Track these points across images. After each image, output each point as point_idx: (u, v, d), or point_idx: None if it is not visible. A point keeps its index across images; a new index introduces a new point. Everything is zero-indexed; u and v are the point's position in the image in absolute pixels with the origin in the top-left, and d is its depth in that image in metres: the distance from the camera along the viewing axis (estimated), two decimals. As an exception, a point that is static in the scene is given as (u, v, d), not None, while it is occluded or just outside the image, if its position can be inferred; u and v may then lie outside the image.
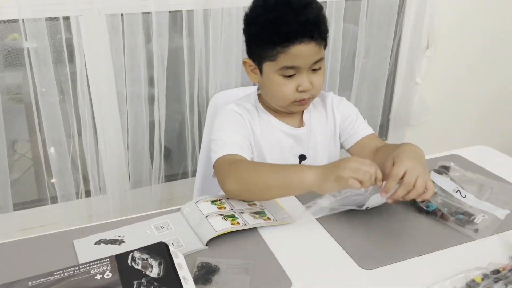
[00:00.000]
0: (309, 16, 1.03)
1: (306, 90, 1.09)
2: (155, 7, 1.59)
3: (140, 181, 1.83)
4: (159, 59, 1.66)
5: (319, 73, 1.11)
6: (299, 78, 1.09)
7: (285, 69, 1.07)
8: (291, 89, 1.09)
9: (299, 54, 1.05)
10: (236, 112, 1.17)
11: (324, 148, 1.24)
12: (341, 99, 1.28)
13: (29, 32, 1.46)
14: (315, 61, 1.08)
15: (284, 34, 1.03)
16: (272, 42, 1.05)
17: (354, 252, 0.89)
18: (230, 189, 1.02)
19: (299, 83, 1.09)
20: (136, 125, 1.73)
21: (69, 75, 1.58)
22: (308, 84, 1.09)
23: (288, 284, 0.81)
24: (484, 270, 0.81)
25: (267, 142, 1.18)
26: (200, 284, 0.79)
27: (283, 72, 1.08)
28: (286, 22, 1.03)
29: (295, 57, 1.05)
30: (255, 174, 1.01)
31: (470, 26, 2.24)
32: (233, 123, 1.15)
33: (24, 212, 1.75)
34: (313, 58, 1.07)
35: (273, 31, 1.04)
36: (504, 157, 1.30)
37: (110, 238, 0.92)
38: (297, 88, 1.09)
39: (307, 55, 1.06)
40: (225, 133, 1.13)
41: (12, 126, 1.65)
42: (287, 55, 1.05)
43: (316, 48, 1.06)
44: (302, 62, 1.07)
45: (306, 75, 1.09)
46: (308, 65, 1.08)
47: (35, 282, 0.72)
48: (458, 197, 1.03)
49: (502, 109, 2.56)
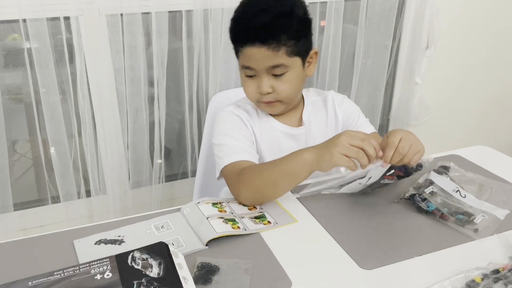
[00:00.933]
0: (262, 20, 1.04)
1: (263, 93, 1.10)
2: (155, 7, 1.59)
3: (140, 181, 1.83)
4: (159, 59, 1.66)
5: (283, 80, 1.10)
6: (259, 79, 1.10)
7: (244, 68, 1.11)
8: (252, 88, 1.12)
9: (251, 56, 1.07)
10: (235, 115, 1.18)
11: None
12: (342, 97, 1.28)
13: (30, 32, 1.47)
14: (272, 66, 1.07)
15: (237, 35, 1.10)
16: (232, 39, 1.11)
17: (354, 252, 0.89)
18: (246, 199, 1.04)
19: (259, 85, 1.10)
20: (136, 125, 1.73)
21: (69, 75, 1.58)
22: (267, 88, 1.09)
23: (288, 284, 0.81)
24: (484, 270, 0.81)
25: (266, 143, 1.19)
26: (200, 284, 0.79)
27: (245, 71, 1.11)
28: (240, 24, 1.09)
29: (248, 58, 1.08)
30: (261, 176, 1.02)
31: (470, 26, 2.24)
32: (235, 127, 1.16)
33: (24, 212, 1.75)
34: (267, 63, 1.07)
35: (232, 29, 1.11)
36: (504, 157, 1.30)
37: (110, 238, 0.92)
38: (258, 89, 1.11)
39: (259, 58, 1.06)
40: (228, 138, 1.13)
41: (12, 126, 1.65)
42: (243, 55, 1.09)
43: (269, 53, 1.05)
44: (256, 65, 1.08)
45: (266, 78, 1.09)
46: (263, 69, 1.08)
47: (35, 282, 0.72)
48: (458, 197, 1.03)
49: (501, 109, 2.56)
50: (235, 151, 1.10)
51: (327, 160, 0.94)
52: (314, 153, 0.97)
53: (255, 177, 1.03)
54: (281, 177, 1.01)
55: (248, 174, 1.04)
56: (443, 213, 0.98)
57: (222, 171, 1.10)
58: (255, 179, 1.03)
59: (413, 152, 0.95)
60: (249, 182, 1.03)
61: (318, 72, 1.96)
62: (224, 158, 1.10)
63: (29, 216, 1.76)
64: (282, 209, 1.03)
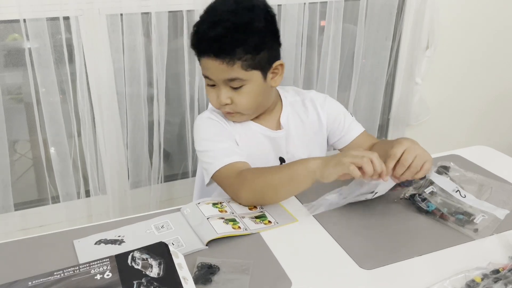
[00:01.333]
0: (216, 33, 1.02)
1: (221, 103, 1.09)
2: (155, 7, 1.59)
3: (140, 181, 1.83)
4: (159, 59, 1.66)
5: (241, 93, 1.08)
6: (218, 90, 1.09)
7: (204, 77, 1.10)
8: (213, 97, 1.11)
9: (207, 67, 1.07)
10: (213, 120, 1.16)
11: (304, 150, 1.22)
12: (324, 97, 1.26)
13: (30, 32, 1.47)
14: (228, 79, 1.06)
15: (193, 45, 1.08)
16: (191, 47, 1.10)
17: (354, 252, 0.89)
18: (246, 201, 1.03)
19: (218, 95, 1.09)
20: (136, 125, 1.73)
21: (69, 75, 1.58)
22: (225, 99, 1.09)
23: (288, 284, 0.81)
24: (484, 270, 0.81)
25: (247, 145, 1.16)
26: (200, 284, 0.79)
27: (205, 80, 1.11)
28: (197, 34, 1.07)
29: (205, 68, 1.08)
30: (263, 180, 1.01)
31: (470, 26, 2.24)
32: (216, 131, 1.15)
33: (25, 212, 1.75)
34: (223, 76, 1.06)
35: (190, 37, 1.09)
36: (504, 157, 1.30)
37: (110, 238, 0.92)
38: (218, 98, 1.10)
39: (214, 71, 1.06)
40: (213, 143, 1.12)
41: (13, 126, 1.65)
42: (201, 65, 1.09)
43: (223, 66, 1.04)
44: (213, 76, 1.07)
45: (224, 90, 1.08)
46: (220, 81, 1.07)
47: (35, 282, 0.72)
48: (458, 197, 1.03)
49: (502, 109, 2.56)
50: (224, 154, 1.09)
51: (333, 167, 0.92)
52: (320, 162, 0.95)
53: (257, 180, 1.02)
54: (283, 182, 1.00)
55: (249, 177, 1.03)
56: (443, 213, 0.98)
57: (214, 175, 1.08)
58: (257, 182, 1.01)
59: (419, 163, 0.93)
60: (250, 184, 1.02)
61: (318, 72, 1.96)
62: (215, 163, 1.08)
63: (30, 216, 1.76)
64: (282, 209, 1.03)
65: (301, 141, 1.22)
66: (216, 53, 1.03)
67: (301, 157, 1.19)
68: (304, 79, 1.94)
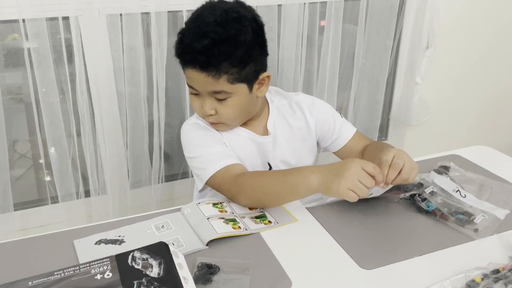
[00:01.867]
0: (201, 45, 0.99)
1: (205, 114, 1.08)
2: (154, 7, 1.59)
3: (140, 181, 1.83)
4: (159, 59, 1.66)
5: (226, 105, 1.07)
6: (202, 100, 1.08)
7: (189, 86, 1.09)
8: (197, 106, 1.10)
9: (192, 78, 1.05)
10: (200, 125, 1.15)
11: (292, 155, 1.21)
12: (312, 99, 1.24)
13: (30, 32, 1.46)
14: (213, 92, 1.05)
15: (178, 55, 1.06)
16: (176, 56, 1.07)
17: (354, 252, 0.89)
18: (244, 205, 1.03)
19: (202, 104, 1.09)
20: (136, 125, 1.73)
21: (68, 75, 1.58)
22: (208, 110, 1.07)
23: (288, 284, 0.81)
24: (484, 270, 0.82)
25: (235, 150, 1.15)
26: (200, 284, 0.79)
27: (189, 89, 1.10)
28: (181, 44, 1.04)
29: (189, 79, 1.07)
30: (263, 186, 1.00)
31: (470, 26, 2.24)
32: (205, 135, 1.13)
33: (25, 212, 1.75)
34: (208, 88, 1.05)
35: (175, 46, 1.06)
36: (504, 157, 1.30)
37: (110, 238, 0.92)
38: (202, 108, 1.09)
39: (199, 82, 1.04)
40: (204, 148, 1.10)
41: (12, 126, 1.65)
42: (185, 74, 1.07)
43: (209, 79, 1.02)
44: (197, 87, 1.06)
45: (209, 101, 1.07)
46: (205, 92, 1.06)
47: (35, 282, 0.72)
48: (458, 197, 1.04)
49: (502, 109, 2.56)
50: (216, 158, 1.07)
51: (333, 191, 0.92)
52: (321, 178, 0.93)
53: (256, 187, 1.00)
54: (283, 193, 0.99)
55: (247, 183, 1.01)
56: (443, 213, 0.98)
57: (209, 181, 1.07)
58: (256, 189, 1.00)
59: (409, 169, 0.94)
60: (248, 190, 1.01)
61: (318, 72, 1.96)
62: (208, 168, 1.06)
63: (29, 216, 1.76)
64: (282, 209, 1.03)
65: (288, 146, 1.21)
66: (202, 66, 1.01)
67: (290, 163, 1.21)
68: (304, 79, 1.94)
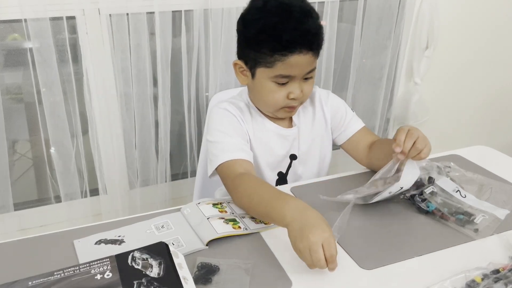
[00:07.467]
0: (310, 26, 1.02)
1: (297, 98, 1.09)
2: (157, 7, 1.59)
3: (142, 181, 1.83)
4: (162, 58, 1.66)
5: (309, 82, 1.11)
6: (291, 86, 1.08)
7: (280, 77, 1.06)
8: (282, 96, 1.09)
9: (296, 64, 1.03)
10: (230, 112, 1.15)
11: (315, 147, 1.24)
12: (327, 93, 1.26)
13: (32, 32, 1.46)
14: (310, 71, 1.08)
15: (285, 43, 1.01)
16: (271, 49, 1.02)
17: (354, 252, 0.89)
18: (236, 204, 1.04)
19: (290, 91, 1.08)
20: (139, 125, 1.73)
21: (72, 75, 1.58)
22: (299, 93, 1.09)
23: (288, 284, 0.81)
24: (484, 270, 0.82)
25: (259, 142, 1.17)
26: (200, 284, 0.79)
27: (277, 80, 1.07)
28: (288, 30, 1.00)
29: (291, 66, 1.04)
30: (250, 200, 0.97)
31: (469, 26, 2.24)
32: (230, 124, 1.14)
33: (25, 212, 1.75)
34: (308, 68, 1.07)
35: (273, 37, 1.01)
36: (504, 157, 1.30)
37: (110, 238, 0.92)
38: (288, 95, 1.09)
39: (303, 65, 1.05)
40: (224, 135, 1.11)
41: (12, 126, 1.65)
42: (284, 64, 1.03)
43: (312, 58, 1.05)
44: (298, 72, 1.06)
45: (298, 84, 1.08)
46: (302, 75, 1.07)
47: (35, 282, 0.72)
48: (458, 197, 1.04)
49: (501, 109, 2.56)
50: (230, 149, 1.08)
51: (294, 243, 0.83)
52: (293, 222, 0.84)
53: (245, 196, 0.98)
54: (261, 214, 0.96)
55: (242, 185, 1.00)
56: (443, 213, 0.98)
57: (218, 168, 1.08)
58: (245, 197, 0.99)
59: (423, 141, 0.97)
60: (239, 197, 1.01)
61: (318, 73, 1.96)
62: (220, 156, 1.08)
63: (29, 216, 1.76)
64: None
65: (312, 138, 1.23)
66: (311, 46, 1.03)
67: (313, 154, 1.24)
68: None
